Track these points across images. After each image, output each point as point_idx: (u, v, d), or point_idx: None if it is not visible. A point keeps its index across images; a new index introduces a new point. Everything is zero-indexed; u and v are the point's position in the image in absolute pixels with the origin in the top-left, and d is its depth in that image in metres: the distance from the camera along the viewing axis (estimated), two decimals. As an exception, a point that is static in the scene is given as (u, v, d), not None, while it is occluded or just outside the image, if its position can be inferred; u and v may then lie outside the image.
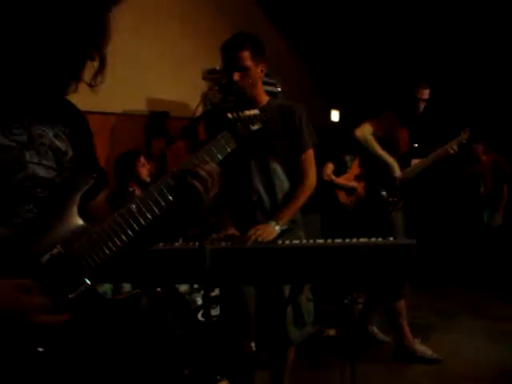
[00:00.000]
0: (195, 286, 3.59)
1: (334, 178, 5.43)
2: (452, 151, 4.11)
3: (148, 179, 4.02)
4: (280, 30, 6.58)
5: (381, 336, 4.40)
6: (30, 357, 1.17)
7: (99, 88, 1.37)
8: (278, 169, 2.83)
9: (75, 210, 1.29)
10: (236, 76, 2.69)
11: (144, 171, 4.09)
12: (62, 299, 1.22)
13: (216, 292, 3.43)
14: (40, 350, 1.18)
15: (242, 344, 2.87)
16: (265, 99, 2.86)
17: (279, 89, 4.68)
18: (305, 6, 6.53)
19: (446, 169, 5.75)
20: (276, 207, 2.82)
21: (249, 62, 2.70)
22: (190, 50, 5.16)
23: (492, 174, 6.11)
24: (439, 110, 4.49)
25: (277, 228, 2.72)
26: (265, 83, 4.47)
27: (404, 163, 4.10)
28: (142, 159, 4.14)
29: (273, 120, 2.61)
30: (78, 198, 1.30)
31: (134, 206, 1.32)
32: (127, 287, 3.56)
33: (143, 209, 1.33)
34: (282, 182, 2.85)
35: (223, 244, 2.64)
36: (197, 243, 2.38)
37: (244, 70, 2.70)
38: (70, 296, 1.23)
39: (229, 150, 1.50)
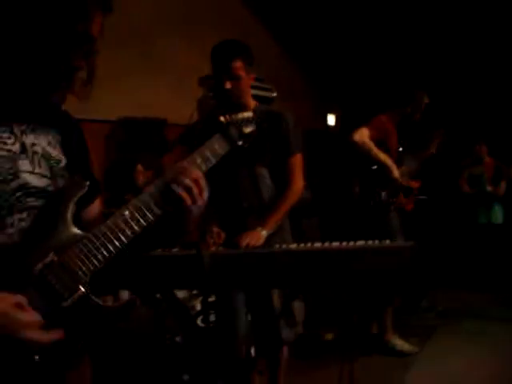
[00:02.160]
0: (194, 291, 3.59)
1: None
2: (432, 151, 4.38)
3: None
4: (275, 34, 6.59)
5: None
6: (26, 365, 1.18)
7: (96, 96, 1.37)
8: (265, 174, 2.86)
9: (69, 217, 1.29)
10: (228, 84, 2.72)
11: (141, 179, 4.09)
12: (55, 308, 1.22)
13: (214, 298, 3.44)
14: (36, 358, 1.18)
15: (237, 348, 2.89)
16: (253, 105, 2.88)
17: (275, 94, 4.68)
18: (300, 9, 6.54)
19: (444, 169, 5.78)
20: (264, 213, 2.84)
21: (241, 72, 2.73)
22: (188, 57, 5.17)
23: (493, 173, 6.20)
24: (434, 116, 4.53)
25: (263, 233, 2.74)
26: (260, 88, 4.51)
27: (398, 165, 4.17)
28: (139, 167, 4.15)
29: (260, 125, 2.66)
30: (71, 205, 1.30)
31: (127, 213, 1.32)
32: (126, 295, 3.56)
33: (136, 214, 1.32)
34: (269, 188, 2.88)
35: (221, 249, 2.66)
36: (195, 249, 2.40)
37: (236, 79, 2.73)
38: (64, 304, 1.23)
39: (222, 152, 1.48)
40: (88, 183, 1.34)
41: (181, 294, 3.56)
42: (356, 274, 2.42)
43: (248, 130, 1.56)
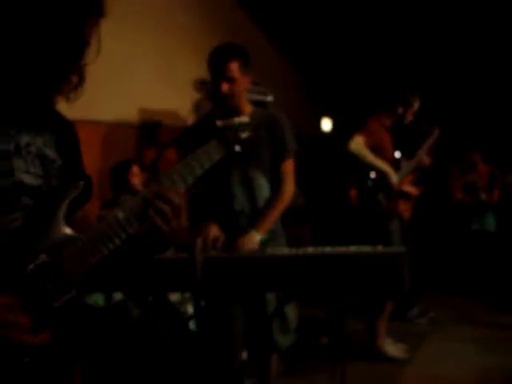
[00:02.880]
0: (186, 295, 3.58)
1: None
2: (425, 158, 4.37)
3: (141, 188, 4.03)
4: (271, 38, 6.60)
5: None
6: (16, 367, 1.18)
7: (92, 97, 1.38)
8: (259, 178, 2.87)
9: (62, 218, 1.29)
10: (224, 87, 2.72)
11: (137, 181, 4.10)
12: (46, 308, 1.22)
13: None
14: (26, 360, 1.18)
15: (232, 354, 2.89)
16: (249, 109, 2.89)
17: (270, 98, 4.69)
18: (296, 15, 6.55)
19: (436, 175, 5.80)
20: (257, 216, 2.86)
21: (237, 73, 2.74)
22: (183, 60, 5.18)
23: (487, 181, 6.21)
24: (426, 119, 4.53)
25: (258, 237, 2.76)
26: (256, 92, 4.51)
27: (395, 168, 4.16)
28: (135, 169, 4.16)
29: (257, 129, 2.66)
30: (65, 206, 1.30)
31: (120, 215, 1.32)
32: (119, 296, 3.56)
33: (130, 217, 1.33)
34: (264, 191, 2.89)
35: (214, 253, 2.66)
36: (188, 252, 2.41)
37: (232, 81, 2.73)
38: (55, 305, 1.23)
39: (217, 157, 1.48)
40: (82, 183, 1.34)
41: (173, 297, 3.55)
42: (349, 279, 2.43)
43: (244, 135, 1.56)
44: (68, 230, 1.29)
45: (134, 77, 4.71)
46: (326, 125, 7.02)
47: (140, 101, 4.81)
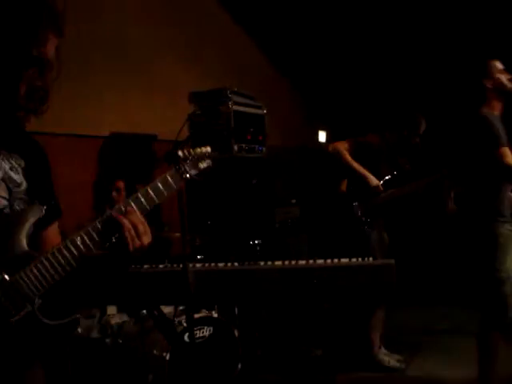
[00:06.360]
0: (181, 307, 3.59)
1: None
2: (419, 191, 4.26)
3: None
4: (266, 52, 6.64)
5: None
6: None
7: (87, 111, 1.43)
8: None
9: (23, 239, 1.35)
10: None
11: (119, 197, 3.96)
12: (4, 323, 1.28)
13: (202, 313, 3.46)
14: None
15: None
16: None
17: (265, 111, 4.71)
18: (291, 27, 6.59)
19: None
20: None
21: None
22: (178, 74, 5.21)
23: None
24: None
25: None
26: (251, 106, 4.55)
27: (385, 188, 4.11)
28: (119, 184, 4.05)
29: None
30: (27, 227, 1.36)
31: (78, 238, 1.38)
32: (112, 310, 3.57)
33: (87, 241, 1.39)
34: None
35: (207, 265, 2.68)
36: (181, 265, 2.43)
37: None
38: (11, 320, 1.29)
39: (175, 186, 1.56)
40: (45, 207, 1.40)
41: (167, 309, 3.56)
42: (339, 291, 2.44)
43: (203, 165, 1.63)
44: (29, 251, 1.35)
45: (131, 91, 4.75)
46: (322, 137, 7.05)
47: (136, 114, 4.83)
